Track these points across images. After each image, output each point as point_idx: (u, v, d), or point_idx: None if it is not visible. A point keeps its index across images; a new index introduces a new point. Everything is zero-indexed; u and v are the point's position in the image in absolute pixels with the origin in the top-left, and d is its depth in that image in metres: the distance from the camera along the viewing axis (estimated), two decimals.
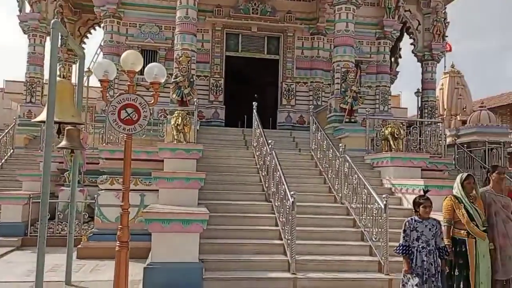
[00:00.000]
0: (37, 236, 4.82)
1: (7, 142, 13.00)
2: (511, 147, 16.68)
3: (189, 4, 10.92)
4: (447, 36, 16.05)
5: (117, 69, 5.41)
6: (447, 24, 16.02)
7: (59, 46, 6.75)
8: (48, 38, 15.02)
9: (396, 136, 9.16)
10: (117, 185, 7.92)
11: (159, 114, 10.70)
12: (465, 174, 5.12)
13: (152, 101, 5.12)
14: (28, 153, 12.85)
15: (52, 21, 5.00)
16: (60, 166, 10.11)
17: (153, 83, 5.09)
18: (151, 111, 5.19)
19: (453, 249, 4.80)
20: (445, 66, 18.37)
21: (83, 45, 17.23)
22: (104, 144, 9.34)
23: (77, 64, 6.81)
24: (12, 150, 13.04)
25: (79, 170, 8.28)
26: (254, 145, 9.34)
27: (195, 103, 9.62)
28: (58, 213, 9.25)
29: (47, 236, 4.89)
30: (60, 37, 6.17)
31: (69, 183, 9.59)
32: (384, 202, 5.99)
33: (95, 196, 8.24)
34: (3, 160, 12.51)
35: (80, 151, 7.08)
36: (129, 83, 5.06)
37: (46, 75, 15.01)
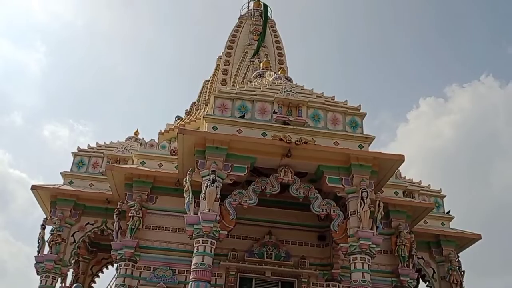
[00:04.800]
0: None
1: None
2: None
3: (206, 251, 11.07)
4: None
5: None
6: (462, 273, 15.80)
7: None
8: (59, 280, 14.85)
9: None
10: None
11: None
12: None
13: None
14: None
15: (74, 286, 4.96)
16: None
17: None
18: None
19: None
20: None
21: (93, 285, 16.99)
22: None
23: None
24: None
25: None
26: None
27: None
28: None
29: None
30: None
31: None
32: None
33: None
34: None
35: None
36: None
37: None
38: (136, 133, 18.47)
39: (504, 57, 54.81)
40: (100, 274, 17.61)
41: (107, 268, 17.59)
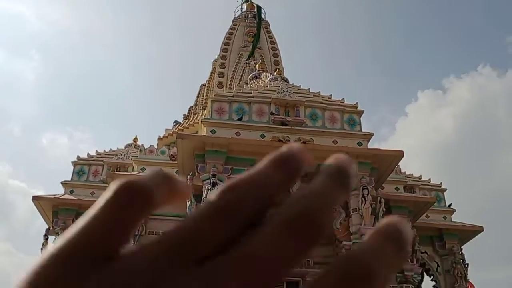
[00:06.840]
0: None
1: None
2: None
3: None
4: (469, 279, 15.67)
5: None
6: (466, 265, 15.83)
7: None
8: None
9: None
10: None
11: None
12: None
13: None
14: None
15: None
16: None
17: None
18: None
19: None
20: None
21: None
22: None
23: None
24: None
25: None
26: None
27: None
28: None
29: None
30: None
31: None
32: None
33: None
34: None
35: None
36: None
37: None
38: (135, 139, 18.49)
39: (501, 47, 54.96)
40: None
41: None
